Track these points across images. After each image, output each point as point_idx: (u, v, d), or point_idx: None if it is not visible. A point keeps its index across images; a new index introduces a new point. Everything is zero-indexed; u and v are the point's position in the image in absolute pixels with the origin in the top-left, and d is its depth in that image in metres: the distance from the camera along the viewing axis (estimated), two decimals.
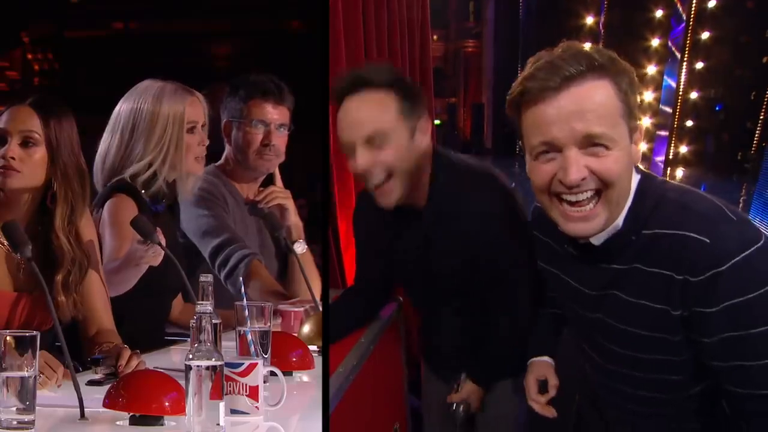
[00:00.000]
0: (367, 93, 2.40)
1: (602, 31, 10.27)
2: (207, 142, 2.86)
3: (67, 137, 2.35)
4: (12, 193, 2.30)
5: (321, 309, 2.68)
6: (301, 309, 2.72)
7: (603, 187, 1.77)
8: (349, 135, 2.40)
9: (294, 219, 3.19)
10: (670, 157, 10.62)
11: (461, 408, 2.64)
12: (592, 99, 1.72)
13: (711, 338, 1.77)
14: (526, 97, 1.79)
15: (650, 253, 1.82)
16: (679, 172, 10.50)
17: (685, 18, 9.96)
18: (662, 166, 10.72)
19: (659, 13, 10.23)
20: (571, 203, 1.81)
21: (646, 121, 10.66)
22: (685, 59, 10.08)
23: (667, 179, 2.05)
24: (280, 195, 3.17)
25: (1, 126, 2.30)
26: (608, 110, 1.73)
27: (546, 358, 2.41)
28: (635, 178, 1.87)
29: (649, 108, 10.61)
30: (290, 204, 3.19)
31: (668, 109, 10.47)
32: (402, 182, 2.42)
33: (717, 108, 10.30)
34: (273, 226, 3.10)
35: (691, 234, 1.73)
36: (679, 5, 9.95)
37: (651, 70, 10.57)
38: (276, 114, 3.09)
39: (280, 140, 3.12)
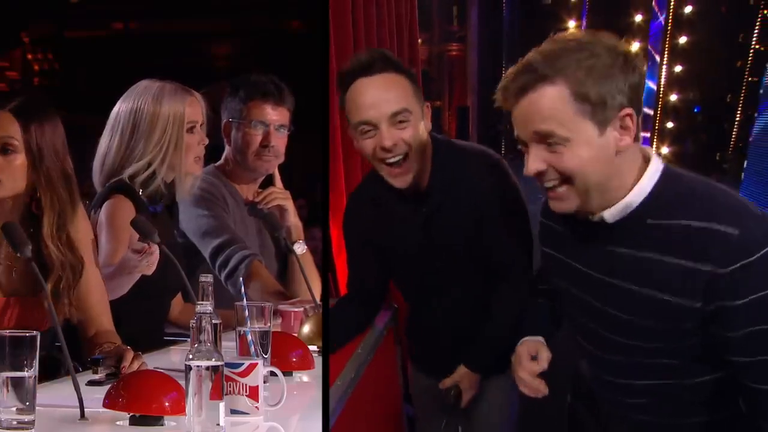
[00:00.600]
0: (386, 74, 2.47)
1: None
2: (206, 142, 2.84)
3: (50, 142, 2.28)
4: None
5: (321, 310, 2.68)
6: (301, 309, 2.71)
7: (566, 179, 1.86)
8: (374, 113, 2.44)
9: (293, 220, 3.18)
10: None
11: (452, 392, 2.64)
12: (539, 104, 1.82)
13: (736, 332, 1.78)
14: (504, 103, 1.92)
15: (670, 243, 1.83)
16: None
17: (663, 23, 10.02)
18: None
19: (638, 18, 10.31)
20: (546, 187, 1.93)
21: None
22: (665, 63, 10.14)
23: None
24: (280, 196, 3.16)
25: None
26: (556, 112, 1.81)
27: (539, 338, 2.36)
28: (658, 166, 1.91)
29: None
30: (290, 205, 3.18)
31: (650, 111, 10.51)
32: (415, 163, 2.49)
33: (695, 110, 10.38)
34: (273, 226, 3.09)
35: (719, 226, 1.76)
36: (657, 10, 10.02)
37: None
38: (275, 115, 3.08)
39: (279, 141, 3.11)
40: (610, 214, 1.90)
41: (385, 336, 2.85)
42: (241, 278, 2.59)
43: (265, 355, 2.16)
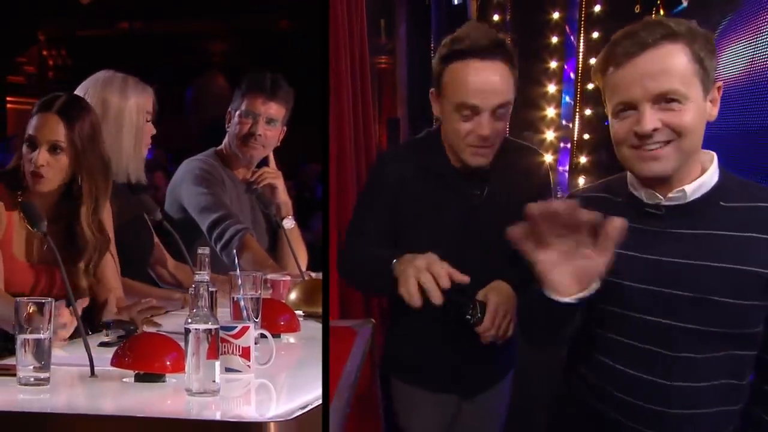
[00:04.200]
0: (500, 63, 2.24)
1: None
2: (154, 131, 2.86)
3: (90, 137, 2.36)
4: (39, 193, 2.33)
5: (306, 279, 2.68)
6: (289, 278, 2.72)
7: (675, 137, 1.74)
8: (482, 101, 2.22)
9: (283, 197, 3.18)
10: (573, 166, 10.62)
11: (477, 307, 2.25)
12: (666, 61, 1.72)
13: None
14: (610, 62, 1.79)
15: (757, 222, 1.76)
16: (581, 180, 10.48)
17: (575, 45, 10.05)
18: (567, 174, 10.72)
19: (555, 39, 10.30)
20: (647, 149, 1.77)
21: (550, 135, 10.70)
22: (579, 80, 10.15)
23: None
24: (271, 175, 3.16)
25: (32, 133, 2.32)
26: (681, 70, 1.72)
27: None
28: (714, 157, 1.84)
29: (552, 122, 10.65)
30: (280, 183, 3.18)
31: (569, 124, 10.51)
32: (492, 150, 2.34)
33: (606, 123, 10.38)
34: (264, 203, 3.10)
35: None
36: (571, 36, 10.03)
37: (551, 88, 10.60)
38: (266, 108, 3.06)
39: (269, 133, 3.09)
40: (690, 189, 1.79)
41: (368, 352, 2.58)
42: (234, 250, 2.60)
43: (256, 319, 2.16)
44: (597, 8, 9.88)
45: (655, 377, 1.84)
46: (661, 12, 8.67)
